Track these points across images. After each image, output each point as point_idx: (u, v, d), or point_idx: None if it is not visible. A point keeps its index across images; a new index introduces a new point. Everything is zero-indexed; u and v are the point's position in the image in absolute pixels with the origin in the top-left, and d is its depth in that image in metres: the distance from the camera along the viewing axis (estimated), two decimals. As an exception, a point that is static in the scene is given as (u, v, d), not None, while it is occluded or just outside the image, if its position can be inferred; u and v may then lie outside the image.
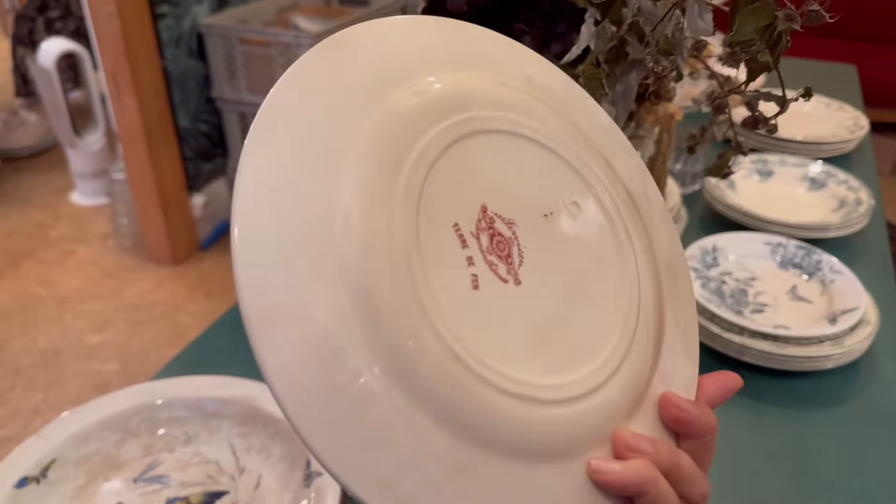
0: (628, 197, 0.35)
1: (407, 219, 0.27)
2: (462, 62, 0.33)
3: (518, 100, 0.33)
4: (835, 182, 0.99)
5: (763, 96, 0.40)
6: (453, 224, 0.29)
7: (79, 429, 0.59)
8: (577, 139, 0.34)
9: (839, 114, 1.19)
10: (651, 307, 0.33)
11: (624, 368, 0.31)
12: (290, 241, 0.26)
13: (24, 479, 0.55)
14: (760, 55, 0.37)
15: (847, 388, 0.69)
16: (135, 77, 1.86)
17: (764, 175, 1.02)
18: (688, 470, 0.31)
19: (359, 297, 0.26)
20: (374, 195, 0.27)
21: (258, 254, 0.25)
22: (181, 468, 0.59)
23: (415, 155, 0.29)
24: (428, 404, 0.26)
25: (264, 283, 0.25)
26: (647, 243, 0.35)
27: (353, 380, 0.25)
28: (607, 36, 0.41)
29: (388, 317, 0.26)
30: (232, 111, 2.08)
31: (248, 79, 2.00)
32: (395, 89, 0.30)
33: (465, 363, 0.27)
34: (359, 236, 0.26)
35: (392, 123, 0.29)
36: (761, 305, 0.76)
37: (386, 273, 0.26)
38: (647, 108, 0.52)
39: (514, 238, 0.30)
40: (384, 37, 0.32)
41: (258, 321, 0.25)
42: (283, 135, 0.27)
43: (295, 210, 0.26)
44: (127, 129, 1.94)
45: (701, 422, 0.32)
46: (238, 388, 0.62)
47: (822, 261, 0.80)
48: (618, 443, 0.30)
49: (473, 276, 0.29)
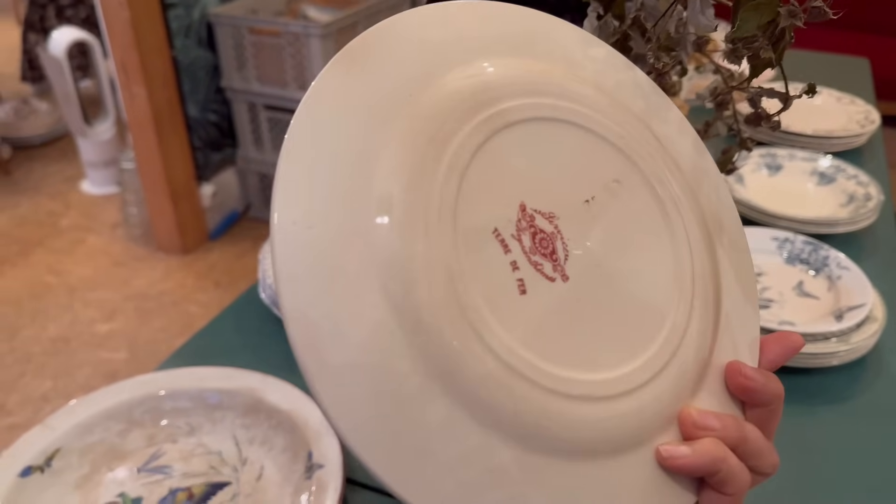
0: (671, 160, 0.34)
1: (444, 236, 0.27)
2: (484, 46, 0.32)
3: (549, 79, 0.32)
4: (844, 177, 0.98)
5: (765, 93, 0.40)
6: (493, 230, 0.28)
7: (83, 419, 0.59)
8: (615, 110, 0.33)
9: (850, 107, 1.18)
10: (706, 273, 0.32)
11: (684, 346, 0.30)
12: (330, 275, 0.25)
13: (29, 469, 0.55)
14: (763, 52, 0.36)
15: (853, 386, 0.69)
16: (144, 66, 1.87)
17: (773, 169, 1.01)
18: (756, 442, 0.30)
19: (406, 324, 0.25)
20: (407, 217, 0.26)
21: (301, 288, 0.25)
22: (184, 459, 0.60)
23: (444, 168, 0.28)
24: (490, 420, 0.26)
25: (311, 317, 0.25)
26: (695, 203, 0.34)
27: (414, 406, 0.25)
28: (610, 30, 0.41)
29: (438, 341, 0.25)
30: (241, 101, 2.08)
31: (257, 69, 2.00)
32: (418, 92, 0.29)
33: (521, 374, 0.26)
34: (397, 264, 0.26)
35: (418, 135, 0.28)
36: (767, 301, 0.75)
37: (430, 298, 0.26)
38: (651, 103, 0.51)
39: (556, 232, 0.30)
40: (399, 38, 0.30)
41: (307, 350, 0.24)
42: (311, 164, 0.27)
43: (332, 242, 0.26)
44: (136, 118, 1.95)
45: (767, 389, 0.31)
46: (241, 380, 0.62)
47: (829, 256, 0.79)
48: (684, 422, 0.30)
49: (519, 280, 0.28)
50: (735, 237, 0.35)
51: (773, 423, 0.32)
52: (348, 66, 0.29)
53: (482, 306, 0.26)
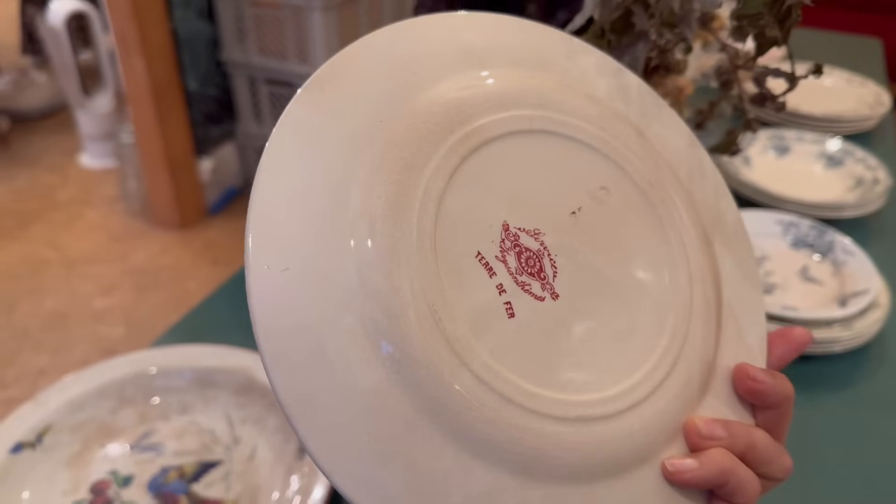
0: (663, 161, 0.33)
1: (426, 267, 0.25)
2: (457, 61, 0.30)
3: (526, 89, 0.30)
4: (852, 160, 0.96)
5: (771, 72, 0.38)
6: (476, 255, 0.27)
7: (74, 395, 0.59)
8: (602, 116, 0.32)
9: (861, 90, 1.16)
10: (705, 274, 0.31)
11: (686, 352, 0.29)
12: (313, 321, 0.24)
13: (20, 445, 0.55)
14: (768, 30, 0.35)
15: (854, 373, 0.68)
16: (143, 38, 1.84)
17: (780, 151, 0.99)
18: (766, 448, 0.29)
19: (392, 363, 0.24)
20: (386, 251, 0.25)
21: (283, 339, 0.24)
22: (176, 437, 0.59)
23: (421, 194, 0.26)
24: (486, 452, 0.25)
25: (295, 368, 0.24)
26: (690, 204, 0.32)
27: (404, 444, 0.24)
28: (612, 6, 0.39)
29: (426, 376, 0.24)
30: (241, 75, 2.06)
31: (258, 42, 1.98)
32: (390, 117, 0.28)
33: (514, 401, 0.25)
34: (379, 301, 0.25)
35: (392, 163, 0.27)
36: (771, 286, 0.74)
37: (415, 334, 0.24)
38: (656, 82, 0.50)
39: (543, 249, 0.28)
40: (372, 59, 0.29)
41: (297, 406, 0.24)
42: (283, 201, 0.26)
43: (309, 283, 0.25)
44: (135, 90, 1.93)
45: (777, 391, 0.30)
46: (235, 359, 0.62)
47: (835, 241, 0.78)
48: (690, 433, 0.29)
49: (507, 304, 0.27)
50: (735, 232, 0.34)
51: (783, 425, 0.31)
52: (317, 94, 0.27)
53: (469, 337, 0.25)
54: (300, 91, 0.27)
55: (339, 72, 0.28)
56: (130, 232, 2.13)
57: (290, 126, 0.27)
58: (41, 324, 1.79)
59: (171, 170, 2.02)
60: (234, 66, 2.05)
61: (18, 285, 1.92)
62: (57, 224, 2.17)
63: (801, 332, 0.32)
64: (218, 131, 2.18)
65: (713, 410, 0.30)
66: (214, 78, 2.10)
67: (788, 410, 0.31)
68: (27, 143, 2.57)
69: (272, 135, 0.27)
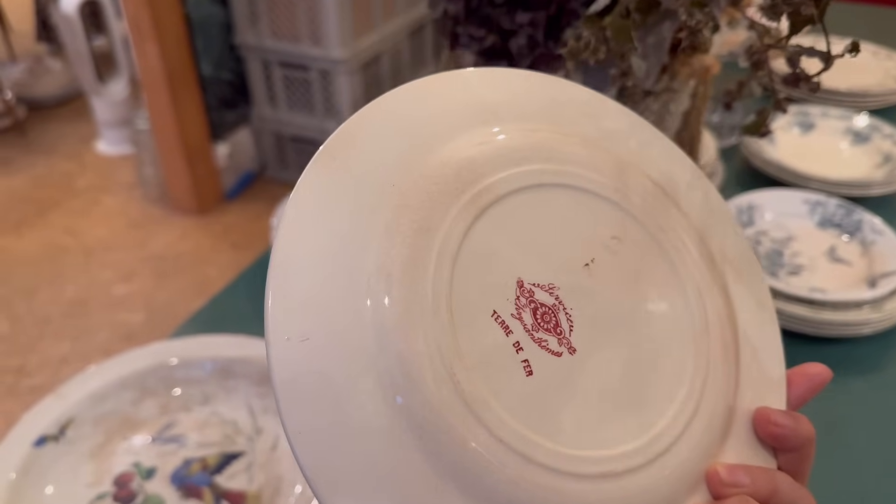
0: (670, 201, 0.33)
1: (442, 329, 0.25)
2: (466, 118, 0.30)
3: (533, 142, 0.30)
4: (880, 136, 0.94)
5: (805, 51, 0.37)
6: (492, 313, 0.27)
7: (96, 388, 0.59)
8: (604, 161, 0.32)
9: (887, 63, 1.13)
10: (721, 316, 0.31)
11: (706, 399, 0.29)
12: (334, 392, 0.24)
13: (43, 438, 0.55)
14: (804, 7, 0.33)
15: (884, 356, 0.67)
16: (156, 23, 1.84)
17: (805, 128, 0.97)
18: (789, 493, 0.29)
19: (414, 428, 0.24)
20: (403, 316, 0.25)
21: (306, 413, 0.24)
22: (198, 428, 0.59)
23: (435, 256, 0.26)
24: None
25: (319, 443, 0.24)
26: (700, 242, 0.32)
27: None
28: (640, -17, 0.37)
29: (447, 441, 0.24)
30: (255, 58, 2.05)
31: (271, 24, 1.96)
32: (401, 180, 0.28)
33: (535, 461, 0.25)
34: (398, 366, 0.25)
35: (406, 226, 0.27)
36: (797, 267, 0.72)
37: (434, 398, 0.24)
38: (681, 61, 0.48)
39: (558, 304, 0.28)
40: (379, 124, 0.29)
41: (323, 481, 0.24)
42: (300, 271, 0.26)
43: (328, 352, 0.25)
44: (150, 76, 1.93)
45: (798, 434, 0.30)
46: (255, 348, 0.61)
47: (863, 220, 0.76)
48: (712, 481, 0.28)
49: (525, 361, 0.26)
50: (747, 263, 0.34)
51: (805, 467, 0.31)
52: (328, 162, 0.28)
53: (489, 398, 0.25)
54: (315, 156, 0.28)
55: (352, 136, 0.28)
56: (149, 218, 2.14)
57: (306, 192, 0.27)
58: (62, 311, 1.80)
59: (187, 155, 2.02)
60: (248, 49, 2.04)
61: (38, 273, 1.93)
62: (75, 211, 2.18)
63: (821, 369, 0.32)
64: (233, 116, 2.18)
65: (736, 453, 0.29)
66: (228, 62, 2.09)
67: (810, 452, 0.30)
68: (44, 131, 2.58)
69: (289, 200, 0.27)
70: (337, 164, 0.28)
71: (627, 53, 0.37)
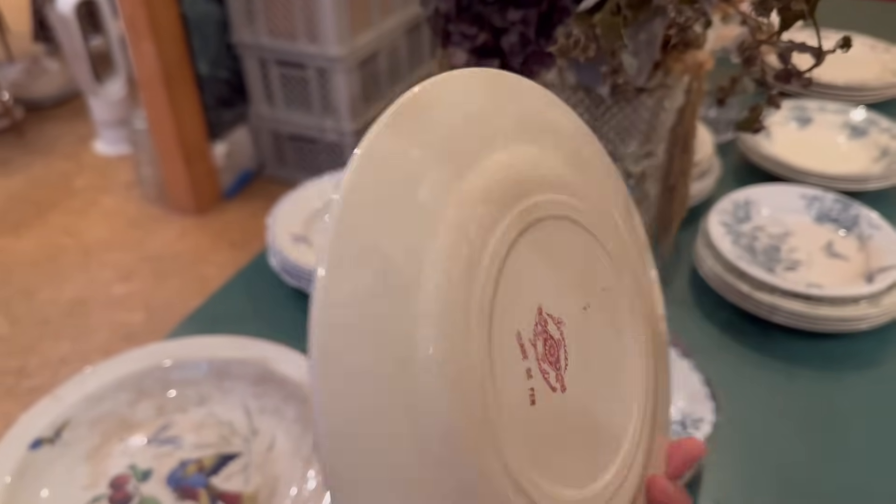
0: (637, 253, 0.34)
1: (481, 342, 0.24)
2: (522, 131, 0.29)
3: (561, 173, 0.30)
4: (877, 130, 0.93)
5: (797, 47, 0.36)
6: (516, 334, 0.26)
7: (92, 389, 0.58)
8: (603, 212, 0.32)
9: (885, 56, 1.13)
10: (651, 388, 0.33)
11: (638, 456, 0.31)
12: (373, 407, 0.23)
13: (39, 441, 0.55)
14: (794, 3, 0.33)
15: (882, 351, 0.66)
16: (152, 22, 1.83)
17: (802, 122, 0.97)
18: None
19: (445, 451, 0.23)
20: (449, 326, 0.23)
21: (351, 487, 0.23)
22: (194, 429, 0.59)
23: (482, 276, 0.24)
24: None
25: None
26: (649, 312, 0.34)
27: None
28: (630, -21, 0.37)
29: (469, 465, 0.23)
30: (252, 57, 2.04)
31: (267, 22, 1.96)
32: (448, 192, 0.25)
33: (528, 495, 0.25)
34: (442, 388, 0.23)
35: (459, 244, 0.24)
36: (794, 263, 0.72)
37: (468, 418, 0.23)
38: (675, 57, 0.48)
39: (561, 339, 0.28)
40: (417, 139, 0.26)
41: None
42: (346, 303, 0.23)
43: (381, 392, 0.23)
44: (146, 75, 1.92)
45: (680, 502, 0.32)
46: (252, 349, 0.61)
47: (860, 215, 0.76)
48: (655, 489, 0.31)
49: (531, 389, 0.26)
50: (664, 333, 0.36)
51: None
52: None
53: (499, 421, 0.24)
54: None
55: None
56: (147, 218, 2.14)
57: (338, 234, 0.24)
58: (61, 311, 1.80)
59: (185, 155, 2.02)
60: (245, 47, 2.03)
61: (38, 273, 1.93)
62: (74, 211, 2.18)
63: (695, 444, 0.34)
64: (230, 115, 2.17)
65: None
66: (225, 61, 2.08)
67: None
68: (41, 132, 2.58)
69: (329, 239, 0.23)
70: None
71: (618, 51, 0.36)
